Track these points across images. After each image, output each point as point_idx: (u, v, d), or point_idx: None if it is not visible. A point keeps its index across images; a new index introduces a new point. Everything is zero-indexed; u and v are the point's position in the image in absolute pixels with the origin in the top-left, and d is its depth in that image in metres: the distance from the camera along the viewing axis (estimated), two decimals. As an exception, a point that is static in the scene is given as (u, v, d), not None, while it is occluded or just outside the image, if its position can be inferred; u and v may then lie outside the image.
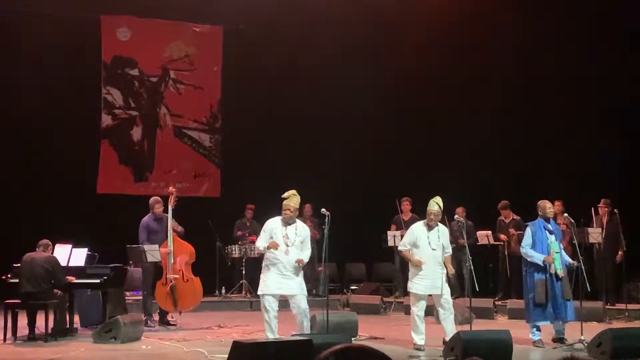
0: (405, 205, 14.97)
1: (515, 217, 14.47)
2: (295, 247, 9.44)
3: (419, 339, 9.87)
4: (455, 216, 11.95)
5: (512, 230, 14.33)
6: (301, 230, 9.56)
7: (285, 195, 9.51)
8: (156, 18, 17.16)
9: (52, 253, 10.76)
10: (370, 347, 3.12)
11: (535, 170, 15.85)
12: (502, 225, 14.55)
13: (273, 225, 9.52)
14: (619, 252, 13.50)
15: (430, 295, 9.97)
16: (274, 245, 9.30)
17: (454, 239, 12.23)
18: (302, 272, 9.60)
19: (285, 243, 9.39)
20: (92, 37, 16.54)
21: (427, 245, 9.89)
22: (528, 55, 16.19)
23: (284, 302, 9.81)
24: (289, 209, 9.44)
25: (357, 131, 16.70)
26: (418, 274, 9.87)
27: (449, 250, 10.16)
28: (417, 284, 9.88)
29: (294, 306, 9.51)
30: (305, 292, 9.62)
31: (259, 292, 9.60)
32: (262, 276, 9.56)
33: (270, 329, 9.44)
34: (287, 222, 9.48)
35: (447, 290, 9.87)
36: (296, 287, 9.46)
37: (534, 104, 16.16)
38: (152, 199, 12.14)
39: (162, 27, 17.36)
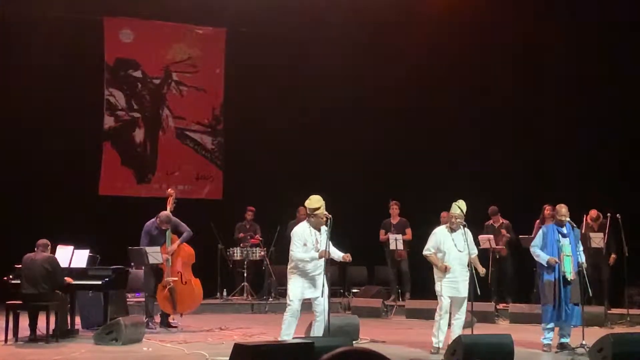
0: (394, 208, 15.04)
1: (504, 220, 14.53)
2: (323, 247, 9.42)
3: (438, 342, 9.87)
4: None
5: (503, 231, 14.38)
6: (325, 231, 9.54)
7: (316, 205, 9.40)
8: (159, 20, 17.18)
9: (51, 253, 10.75)
10: (372, 350, 3.11)
11: (535, 173, 15.85)
12: (492, 229, 14.54)
13: (303, 232, 9.49)
14: (612, 255, 13.47)
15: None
16: (323, 254, 9.32)
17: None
18: (323, 274, 9.53)
19: (316, 249, 9.41)
20: (95, 39, 16.56)
21: (453, 248, 9.90)
22: (531, 55, 16.19)
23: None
24: (322, 218, 9.44)
25: (359, 133, 16.70)
26: (447, 277, 9.85)
27: (475, 250, 10.18)
28: (448, 288, 9.86)
29: (317, 305, 9.50)
30: (328, 293, 9.57)
31: (288, 299, 9.51)
32: (292, 282, 9.49)
33: (291, 332, 9.44)
34: (317, 228, 9.49)
35: (466, 294, 9.90)
36: (320, 289, 9.45)
37: (536, 106, 16.18)
38: (164, 216, 11.87)
39: (164, 29, 17.38)
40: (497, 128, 16.17)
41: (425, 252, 10.20)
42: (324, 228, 9.56)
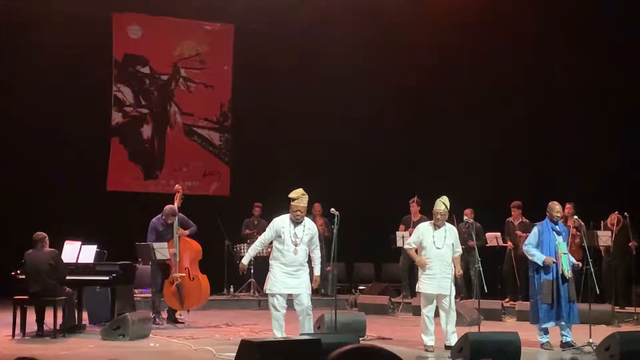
0: (414, 206, 14.98)
1: (524, 219, 14.44)
2: (304, 244, 9.42)
3: (429, 340, 9.84)
4: (464, 217, 11.92)
5: (519, 232, 14.31)
6: (309, 228, 9.50)
7: (293, 195, 9.37)
8: (167, 16, 17.20)
9: (58, 247, 10.74)
10: (380, 347, 3.11)
11: (548, 171, 15.83)
12: (510, 227, 14.52)
13: (281, 224, 9.47)
14: (632, 242, 13.39)
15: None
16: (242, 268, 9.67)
17: (462, 241, 12.22)
18: (307, 271, 9.57)
19: (294, 242, 9.36)
20: (104, 35, 16.59)
21: (432, 245, 9.84)
22: (542, 54, 16.17)
23: (290, 302, 9.78)
24: (299, 210, 9.35)
25: (367, 130, 16.71)
26: (426, 274, 9.83)
27: (459, 250, 10.12)
28: (426, 284, 9.84)
29: (297, 304, 9.48)
30: (310, 291, 9.59)
31: (267, 291, 9.56)
32: (270, 275, 9.52)
33: (279, 327, 9.42)
34: (296, 222, 9.45)
35: (450, 292, 9.79)
36: (302, 286, 9.44)
37: (547, 104, 16.16)
38: (168, 209, 11.91)
39: (173, 25, 17.39)
40: (500, 128, 16.14)
41: (405, 246, 10.38)
42: (308, 226, 9.50)
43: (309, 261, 9.65)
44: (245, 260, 9.79)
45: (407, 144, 16.81)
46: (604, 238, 13.23)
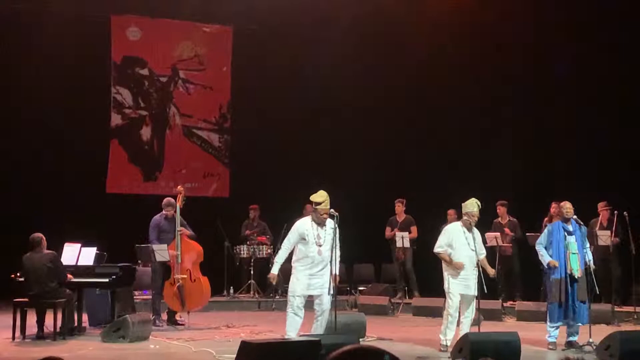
0: (398, 206, 15.06)
1: (511, 218, 14.52)
2: (327, 245, 9.43)
3: (447, 340, 9.84)
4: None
5: (507, 230, 14.36)
6: (331, 228, 9.52)
7: (319, 199, 9.41)
8: (166, 18, 17.20)
9: (46, 246, 10.66)
10: (378, 347, 3.11)
11: (542, 171, 15.83)
12: (498, 226, 14.53)
13: (304, 227, 9.51)
14: (615, 238, 13.40)
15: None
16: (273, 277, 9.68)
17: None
18: (329, 272, 9.53)
19: (318, 243, 9.41)
20: (102, 37, 16.58)
21: (466, 246, 9.86)
22: (540, 54, 16.16)
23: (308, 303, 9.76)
24: (326, 213, 9.42)
25: (366, 131, 16.71)
26: (459, 275, 9.83)
27: (484, 251, 10.16)
28: (457, 285, 9.84)
29: (318, 304, 9.51)
30: (332, 291, 9.57)
31: (289, 293, 9.55)
32: (293, 277, 9.53)
33: (295, 328, 9.43)
34: (319, 223, 9.49)
35: (476, 293, 9.86)
36: (325, 286, 9.45)
37: (542, 103, 16.15)
38: (166, 200, 12.11)
39: (172, 27, 17.39)
40: (500, 126, 16.14)
41: (437, 250, 10.07)
42: (329, 226, 9.55)
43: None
44: (275, 270, 9.70)
45: (406, 144, 16.81)
46: (604, 237, 13.24)
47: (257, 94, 16.91)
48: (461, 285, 9.83)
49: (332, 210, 9.55)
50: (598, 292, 10.77)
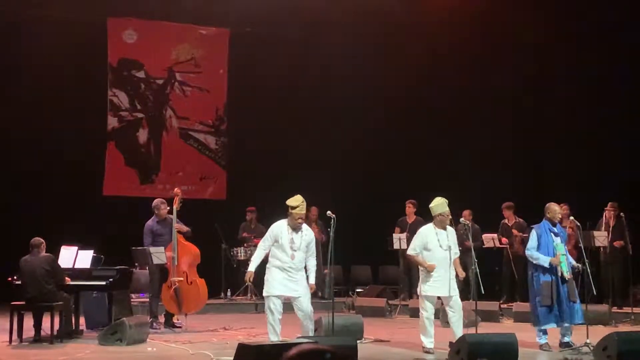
0: (409, 207, 14.98)
1: (518, 219, 14.50)
2: (301, 251, 9.42)
3: (428, 342, 9.81)
4: (462, 219, 11.91)
5: (515, 232, 14.35)
6: (306, 234, 9.52)
7: (294, 203, 9.38)
8: (162, 20, 17.20)
9: (55, 253, 10.73)
10: (330, 347, 3.02)
11: (541, 172, 15.84)
12: (505, 227, 14.55)
13: (279, 230, 9.49)
14: (620, 242, 13.40)
15: (439, 297, 9.94)
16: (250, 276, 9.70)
17: (460, 242, 12.23)
18: (305, 276, 9.55)
19: (292, 248, 9.38)
20: (99, 39, 16.57)
21: (438, 247, 9.81)
22: (536, 56, 16.19)
23: (288, 305, 9.77)
24: (300, 218, 9.41)
25: (362, 133, 16.72)
26: (431, 277, 9.79)
27: (457, 251, 10.11)
28: (429, 287, 9.80)
29: (298, 308, 9.49)
30: (309, 295, 9.59)
31: (264, 294, 9.57)
32: (266, 277, 9.53)
33: (274, 331, 9.40)
34: (294, 228, 9.46)
35: (456, 292, 9.81)
36: (301, 290, 9.43)
37: (539, 105, 16.18)
38: (156, 201, 12.09)
39: (168, 29, 17.40)
40: (502, 127, 16.16)
41: (409, 252, 10.10)
42: (306, 229, 9.52)
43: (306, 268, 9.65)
44: (251, 268, 9.73)
45: (405, 146, 16.81)
46: (601, 238, 13.25)
47: (254, 96, 16.91)
48: (435, 287, 9.78)
49: (329, 212, 9.55)
50: (595, 293, 10.78)
